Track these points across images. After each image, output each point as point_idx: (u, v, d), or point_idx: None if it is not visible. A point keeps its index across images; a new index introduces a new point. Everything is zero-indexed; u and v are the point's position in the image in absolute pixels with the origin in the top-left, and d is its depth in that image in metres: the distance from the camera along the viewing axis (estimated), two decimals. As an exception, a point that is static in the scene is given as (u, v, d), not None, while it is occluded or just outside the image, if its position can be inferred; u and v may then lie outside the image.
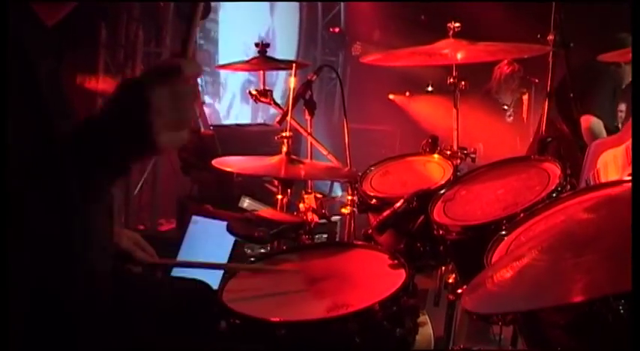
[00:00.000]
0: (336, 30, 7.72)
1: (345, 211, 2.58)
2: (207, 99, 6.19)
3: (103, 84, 4.94)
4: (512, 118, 5.65)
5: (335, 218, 3.20)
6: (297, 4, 7.53)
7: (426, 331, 2.06)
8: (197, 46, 5.94)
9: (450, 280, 2.20)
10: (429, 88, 5.55)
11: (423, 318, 2.02)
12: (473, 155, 2.57)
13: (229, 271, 1.88)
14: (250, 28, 6.73)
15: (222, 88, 6.56)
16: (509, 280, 1.24)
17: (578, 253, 1.14)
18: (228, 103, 6.63)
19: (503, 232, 1.66)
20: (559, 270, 1.15)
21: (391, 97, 6.72)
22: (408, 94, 6.56)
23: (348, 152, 2.76)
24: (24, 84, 1.09)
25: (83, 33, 4.50)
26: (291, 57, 7.30)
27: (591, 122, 3.69)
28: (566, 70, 2.80)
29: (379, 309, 1.58)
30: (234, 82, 6.52)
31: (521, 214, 1.74)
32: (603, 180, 2.65)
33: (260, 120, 6.35)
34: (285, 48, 7.28)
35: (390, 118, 6.68)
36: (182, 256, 2.91)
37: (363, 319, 1.56)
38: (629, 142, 2.69)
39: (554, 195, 1.82)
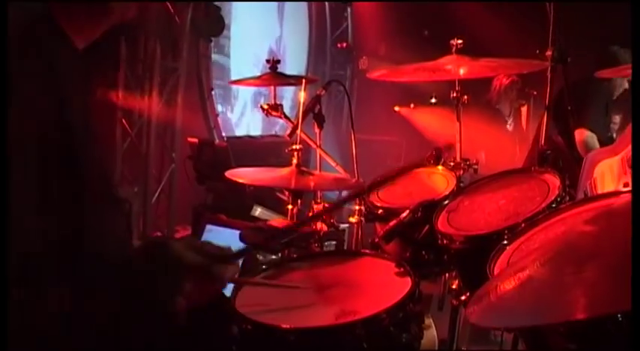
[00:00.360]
0: (344, 45, 7.83)
1: (352, 219, 2.58)
2: (219, 108, 6.28)
3: (123, 96, 5.05)
4: (512, 126, 5.68)
5: (343, 226, 3.24)
6: (306, 18, 7.63)
7: (431, 334, 2.11)
8: (212, 62, 6.04)
9: (454, 286, 2.20)
10: (433, 100, 5.56)
11: (428, 321, 2.06)
12: (475, 166, 2.61)
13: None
14: (260, 40, 6.83)
15: (234, 97, 6.65)
16: (511, 292, 1.23)
17: (579, 268, 1.13)
18: (240, 111, 6.72)
19: (505, 242, 1.69)
20: (560, 285, 1.14)
21: (396, 108, 6.71)
22: (412, 106, 6.55)
23: (355, 164, 2.78)
24: (49, 92, 1.13)
25: (106, 48, 4.58)
26: (301, 67, 7.38)
27: (585, 136, 3.77)
28: (562, 85, 2.85)
29: (386, 316, 1.59)
30: (245, 91, 6.61)
31: (523, 225, 1.76)
32: (600, 189, 2.70)
33: (271, 128, 6.41)
34: (294, 60, 7.35)
35: (395, 129, 6.70)
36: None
37: (370, 325, 1.57)
38: (624, 153, 2.75)
39: (553, 205, 1.85)
